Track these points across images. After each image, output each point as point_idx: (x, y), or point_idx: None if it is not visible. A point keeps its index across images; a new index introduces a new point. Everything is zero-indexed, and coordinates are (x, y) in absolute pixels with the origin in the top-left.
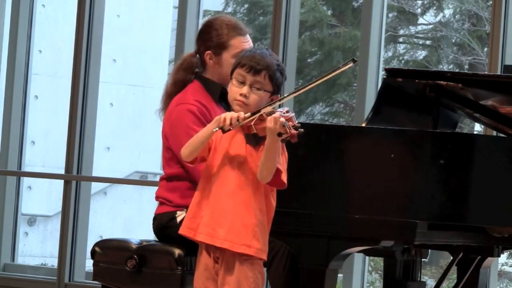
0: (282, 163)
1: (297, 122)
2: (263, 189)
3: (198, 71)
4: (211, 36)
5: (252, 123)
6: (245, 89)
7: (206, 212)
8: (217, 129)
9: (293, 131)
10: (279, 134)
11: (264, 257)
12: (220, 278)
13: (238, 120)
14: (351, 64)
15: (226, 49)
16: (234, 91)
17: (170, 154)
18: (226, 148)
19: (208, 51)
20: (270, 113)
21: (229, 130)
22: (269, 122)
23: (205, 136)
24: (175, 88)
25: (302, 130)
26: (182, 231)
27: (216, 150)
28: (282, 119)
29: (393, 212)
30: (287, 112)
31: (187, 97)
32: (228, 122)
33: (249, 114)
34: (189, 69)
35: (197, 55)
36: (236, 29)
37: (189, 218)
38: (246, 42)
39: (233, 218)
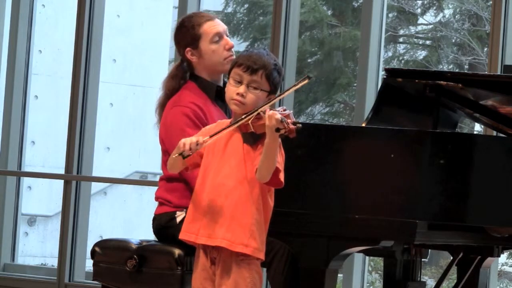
0: (280, 162)
1: (294, 119)
2: (260, 188)
3: (191, 72)
4: (184, 34)
5: (250, 121)
6: (242, 88)
7: (205, 214)
8: (177, 155)
9: (291, 126)
10: (277, 130)
11: (262, 256)
12: (217, 279)
13: (197, 144)
14: (306, 81)
15: (201, 38)
16: (231, 90)
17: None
18: (223, 148)
19: (187, 49)
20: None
21: (189, 155)
22: (267, 119)
23: (173, 161)
24: (166, 98)
25: (300, 125)
26: (182, 236)
27: (212, 151)
28: (279, 115)
29: (393, 212)
30: (285, 110)
31: (182, 99)
32: (187, 147)
33: (207, 137)
34: (178, 76)
35: (183, 63)
36: (202, 17)
37: (188, 222)
38: (217, 25)
39: (230, 218)
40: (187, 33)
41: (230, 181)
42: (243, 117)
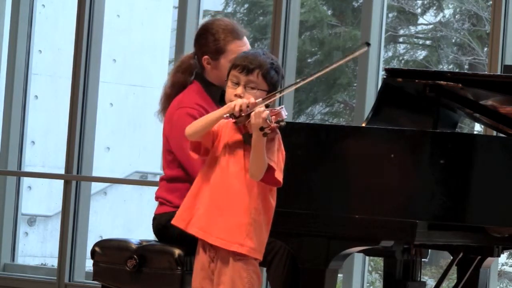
0: (278, 161)
1: (286, 116)
2: (259, 187)
3: (198, 72)
4: (208, 42)
5: (247, 122)
6: (239, 90)
7: (202, 206)
8: (227, 115)
9: (273, 125)
10: (261, 129)
11: (258, 256)
12: (216, 278)
13: (248, 106)
14: (365, 49)
15: (223, 54)
16: (230, 92)
17: (171, 156)
18: (225, 147)
19: (206, 56)
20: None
21: (240, 116)
22: (253, 117)
23: (214, 119)
24: (173, 90)
25: (283, 123)
26: (174, 221)
27: (217, 148)
28: (266, 113)
29: (393, 212)
30: (281, 108)
31: (188, 100)
32: (237, 108)
33: (260, 99)
34: (188, 71)
35: (196, 57)
36: (232, 33)
37: (184, 209)
38: (243, 46)
39: (227, 216)
40: (211, 43)
41: (229, 179)
42: (259, 100)
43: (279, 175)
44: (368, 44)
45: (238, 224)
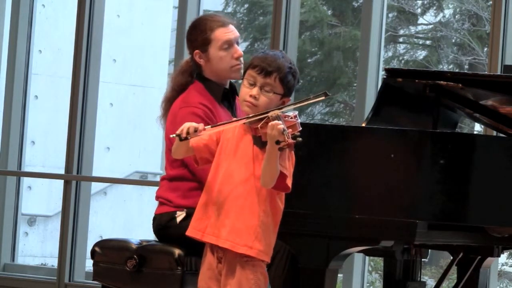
0: (289, 168)
1: (300, 127)
2: (267, 190)
3: (198, 72)
4: (196, 36)
5: (259, 125)
6: (255, 91)
7: (213, 213)
8: (173, 135)
9: (290, 141)
10: (277, 142)
11: (266, 259)
12: (223, 279)
13: (195, 130)
14: (322, 98)
15: (211, 43)
16: (245, 92)
17: None
18: (234, 148)
19: (196, 51)
20: (275, 118)
21: (186, 139)
22: (269, 128)
23: (176, 143)
24: (174, 93)
25: (300, 139)
26: (189, 232)
27: (224, 151)
28: (281, 126)
29: (393, 212)
30: (295, 117)
31: (191, 100)
32: (185, 130)
33: (209, 126)
34: (187, 73)
35: (191, 58)
36: (216, 22)
37: (196, 219)
38: (229, 32)
39: (236, 219)
40: (198, 35)
41: (238, 182)
42: (251, 115)
43: (289, 182)
44: (326, 95)
45: (246, 227)
